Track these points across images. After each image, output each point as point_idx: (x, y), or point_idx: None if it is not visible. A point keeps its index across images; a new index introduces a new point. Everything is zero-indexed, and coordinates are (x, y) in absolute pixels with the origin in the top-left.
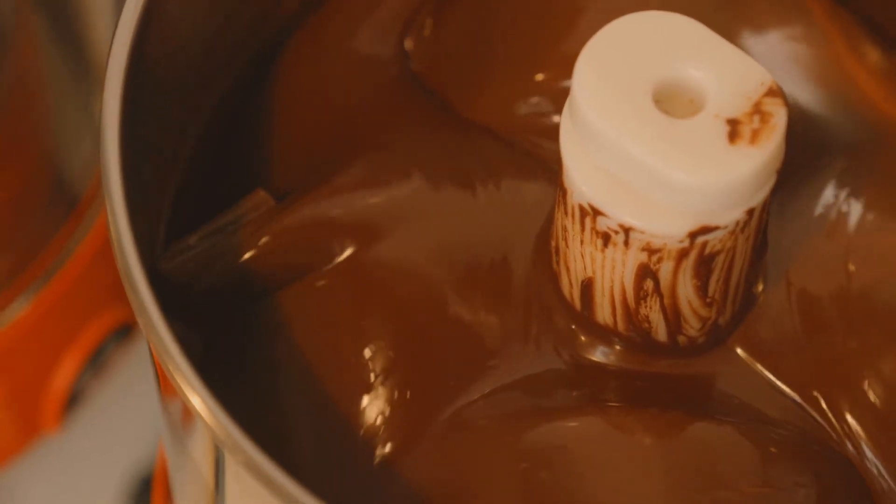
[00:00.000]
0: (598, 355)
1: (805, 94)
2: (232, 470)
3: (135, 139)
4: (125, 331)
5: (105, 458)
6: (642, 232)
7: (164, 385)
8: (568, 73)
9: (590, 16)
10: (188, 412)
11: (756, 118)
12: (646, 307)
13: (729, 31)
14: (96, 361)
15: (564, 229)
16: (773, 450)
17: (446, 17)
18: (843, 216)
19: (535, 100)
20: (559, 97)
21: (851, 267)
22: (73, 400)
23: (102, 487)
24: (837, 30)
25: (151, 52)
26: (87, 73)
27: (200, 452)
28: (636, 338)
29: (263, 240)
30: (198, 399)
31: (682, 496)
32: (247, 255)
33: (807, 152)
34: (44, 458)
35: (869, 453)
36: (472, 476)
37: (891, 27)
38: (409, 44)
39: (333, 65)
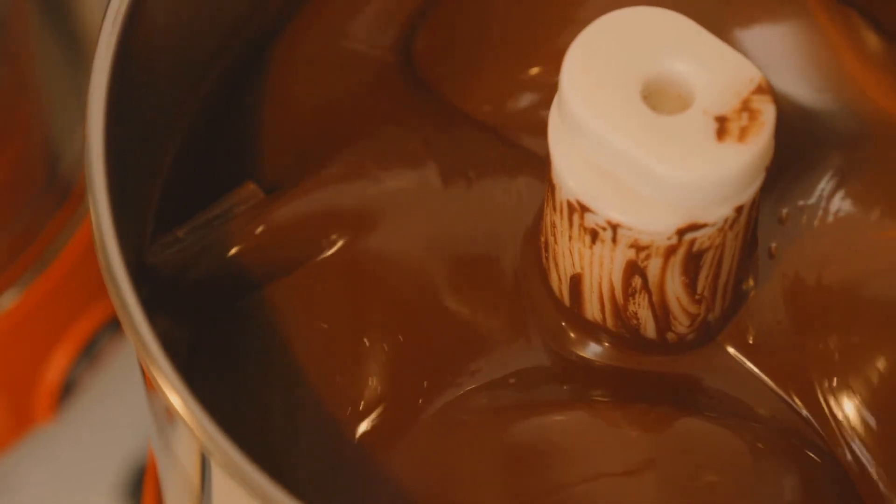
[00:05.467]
0: (587, 351)
1: (801, 89)
2: (217, 468)
3: (121, 130)
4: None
5: (99, 449)
6: (630, 229)
7: (149, 382)
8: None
9: (585, 11)
10: (170, 411)
11: (744, 115)
12: (634, 304)
13: (724, 25)
14: (90, 352)
15: (553, 225)
16: (760, 446)
17: (441, 9)
18: (836, 212)
19: (528, 94)
20: (553, 92)
21: (843, 264)
22: (66, 390)
23: (96, 478)
24: (834, 23)
25: (139, 41)
26: (81, 62)
27: (184, 450)
28: (625, 334)
29: (253, 233)
30: (178, 399)
31: (670, 491)
32: (236, 249)
33: (802, 148)
34: (37, 448)
35: (856, 451)
36: (460, 470)
37: (887, 21)
38: (402, 36)
39: (326, 56)
